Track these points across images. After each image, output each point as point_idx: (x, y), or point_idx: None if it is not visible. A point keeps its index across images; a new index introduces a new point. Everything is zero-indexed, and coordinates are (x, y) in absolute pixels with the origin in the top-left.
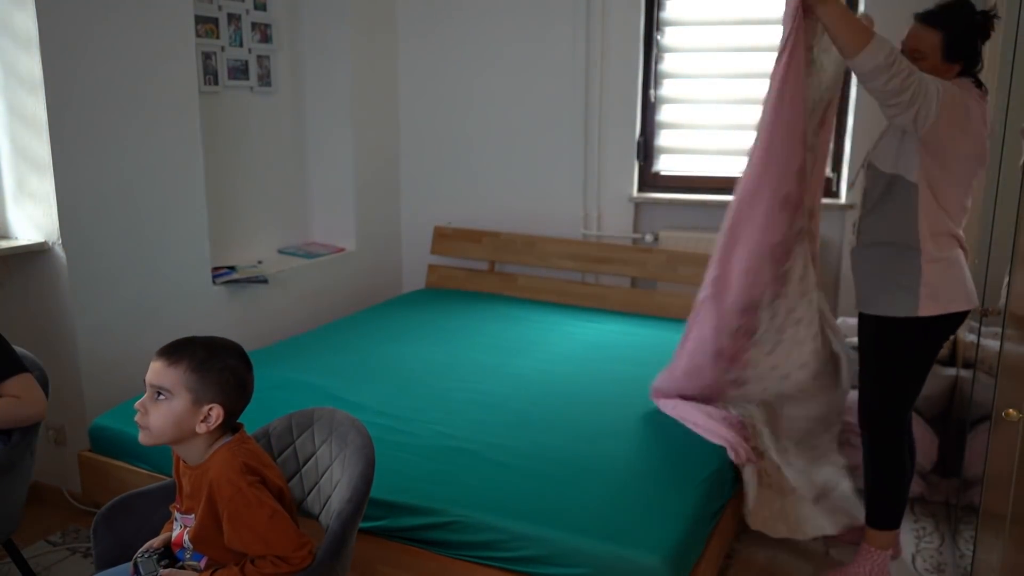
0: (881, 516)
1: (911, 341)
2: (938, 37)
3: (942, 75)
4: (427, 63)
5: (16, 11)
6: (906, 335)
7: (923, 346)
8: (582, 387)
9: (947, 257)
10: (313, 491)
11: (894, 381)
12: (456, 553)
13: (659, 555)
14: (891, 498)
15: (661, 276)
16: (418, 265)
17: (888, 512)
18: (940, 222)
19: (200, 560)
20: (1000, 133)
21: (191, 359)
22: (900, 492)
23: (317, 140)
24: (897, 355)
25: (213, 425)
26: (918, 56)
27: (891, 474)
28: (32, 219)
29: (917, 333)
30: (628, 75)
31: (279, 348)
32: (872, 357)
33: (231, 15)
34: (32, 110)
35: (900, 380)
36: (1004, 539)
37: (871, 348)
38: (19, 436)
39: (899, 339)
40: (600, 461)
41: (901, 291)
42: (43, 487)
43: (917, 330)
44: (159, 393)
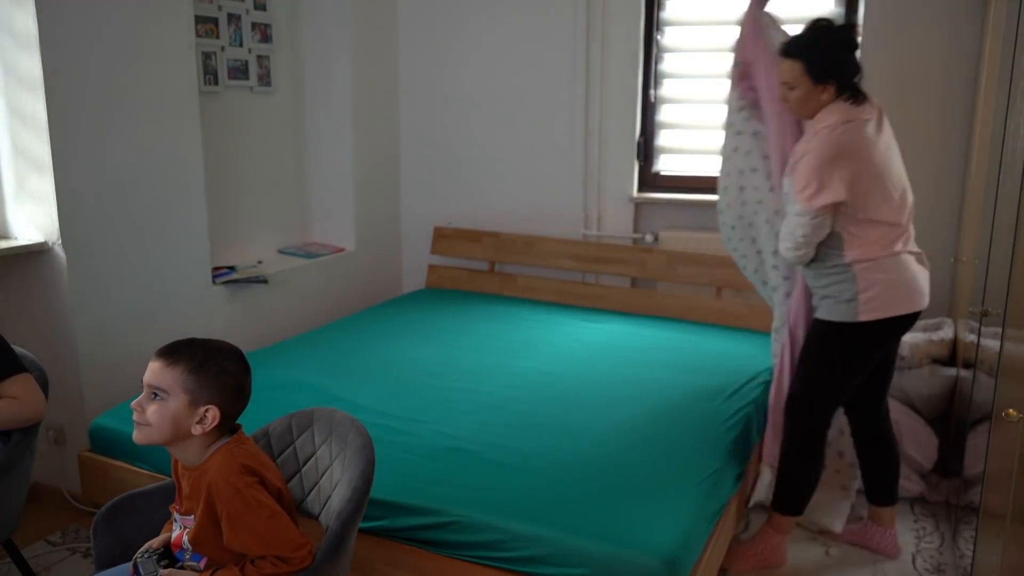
0: (785, 502)
1: (852, 345)
2: (800, 66)
3: (818, 100)
4: (427, 63)
5: (16, 11)
6: (848, 338)
7: (864, 350)
8: (582, 387)
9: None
10: (313, 491)
11: (830, 382)
12: (456, 553)
13: (659, 555)
14: (799, 489)
15: (661, 276)
16: (418, 265)
17: (792, 500)
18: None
19: (200, 561)
20: (1000, 133)
21: (189, 360)
22: (808, 483)
23: (317, 140)
24: (837, 358)
25: (209, 427)
26: (789, 87)
27: (806, 465)
28: (32, 219)
29: (858, 337)
30: (628, 75)
31: (279, 348)
32: (813, 357)
33: (231, 15)
34: (32, 110)
35: (836, 382)
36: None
37: (813, 348)
38: (19, 436)
39: (841, 342)
40: (600, 461)
41: (842, 302)
42: (43, 487)
43: (858, 334)
44: (156, 393)
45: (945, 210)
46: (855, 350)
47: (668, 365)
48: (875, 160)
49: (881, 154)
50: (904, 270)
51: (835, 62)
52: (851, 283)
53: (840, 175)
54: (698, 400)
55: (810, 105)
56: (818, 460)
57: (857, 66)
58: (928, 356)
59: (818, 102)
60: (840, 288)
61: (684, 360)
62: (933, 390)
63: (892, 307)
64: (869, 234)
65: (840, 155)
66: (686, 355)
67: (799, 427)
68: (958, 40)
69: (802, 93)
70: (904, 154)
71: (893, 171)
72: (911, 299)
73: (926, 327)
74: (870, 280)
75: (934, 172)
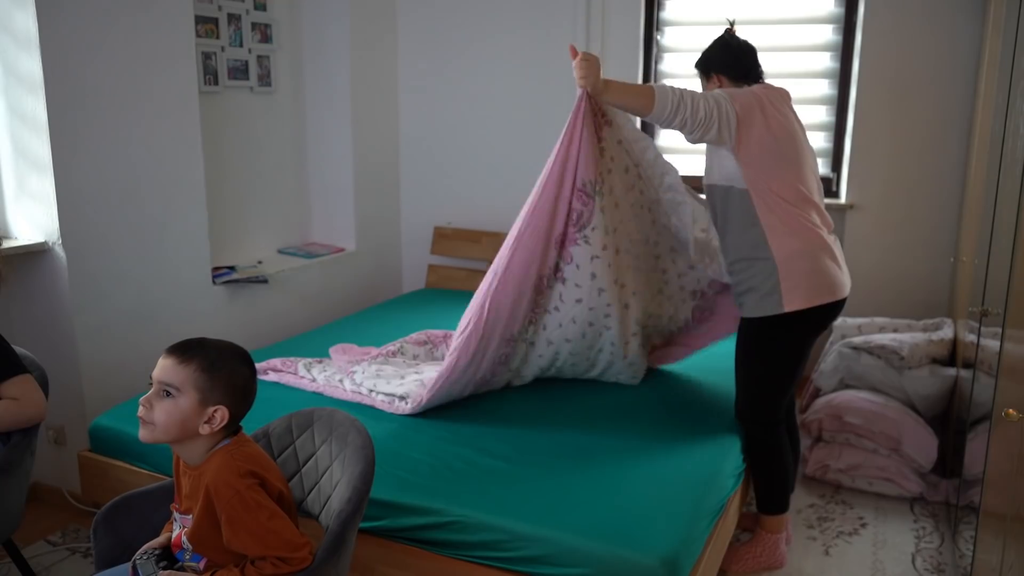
0: (770, 502)
1: (781, 337)
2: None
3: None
4: (427, 63)
5: (16, 11)
6: (775, 332)
7: (793, 341)
8: (582, 387)
9: (803, 251)
10: (313, 491)
11: (768, 378)
12: (456, 553)
13: (659, 555)
14: (776, 485)
15: None
16: (418, 265)
17: (775, 498)
18: (786, 219)
19: (199, 561)
20: (1000, 133)
21: (202, 359)
22: (784, 478)
23: (317, 140)
24: (768, 352)
25: (217, 427)
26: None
27: (772, 463)
28: (32, 219)
29: (785, 329)
30: (628, 75)
31: (279, 348)
32: (745, 356)
33: (231, 15)
34: (32, 110)
35: (774, 377)
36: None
37: (745, 348)
38: (19, 436)
39: (769, 336)
40: (600, 461)
41: (765, 295)
42: (43, 487)
43: (785, 326)
44: (167, 390)
45: (945, 210)
46: (784, 341)
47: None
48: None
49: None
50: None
51: (708, 56)
52: (772, 273)
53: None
54: (698, 400)
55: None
56: (783, 454)
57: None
58: (928, 356)
59: None
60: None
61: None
62: (933, 390)
63: (815, 297)
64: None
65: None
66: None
67: (753, 430)
68: (958, 40)
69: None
70: (904, 154)
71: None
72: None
73: (926, 327)
74: (790, 269)
75: (934, 172)
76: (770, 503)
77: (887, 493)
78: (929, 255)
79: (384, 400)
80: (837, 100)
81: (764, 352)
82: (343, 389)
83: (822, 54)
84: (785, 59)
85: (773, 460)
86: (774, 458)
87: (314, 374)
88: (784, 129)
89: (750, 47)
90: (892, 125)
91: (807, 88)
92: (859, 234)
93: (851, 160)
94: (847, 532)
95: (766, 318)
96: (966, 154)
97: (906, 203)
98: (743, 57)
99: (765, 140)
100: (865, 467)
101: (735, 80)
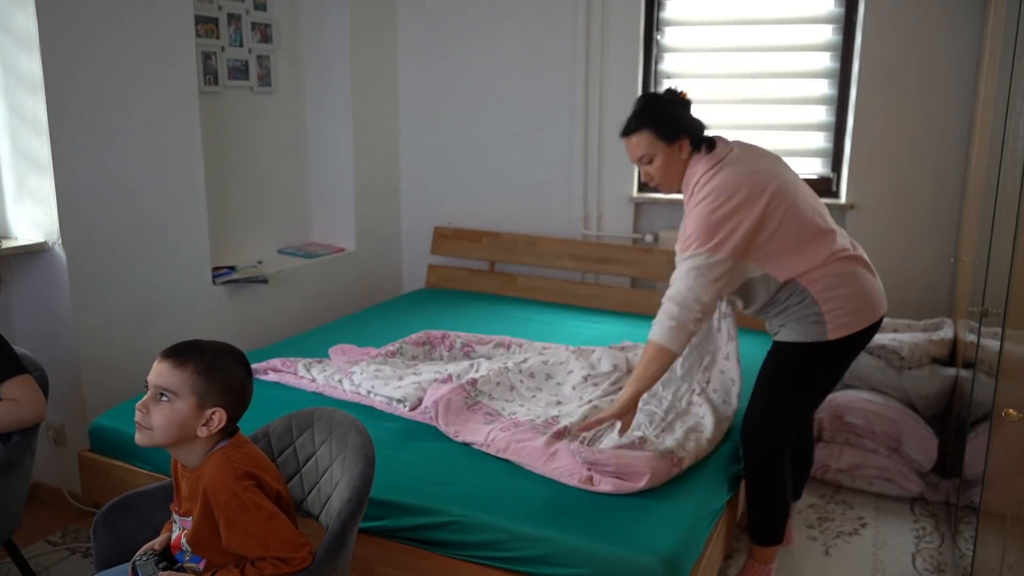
0: (763, 532)
1: (823, 363)
2: (648, 135)
3: (678, 160)
4: (427, 63)
5: (16, 11)
6: (818, 358)
7: (833, 366)
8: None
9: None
10: (313, 491)
11: (794, 404)
12: (456, 553)
13: (659, 555)
14: (772, 515)
15: (661, 276)
16: (418, 265)
17: (770, 529)
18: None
19: (199, 563)
20: (1000, 133)
21: (198, 362)
22: (781, 509)
23: (317, 140)
24: (806, 378)
25: (215, 429)
26: (646, 160)
27: (773, 492)
28: (32, 219)
29: (829, 355)
30: (628, 75)
31: (279, 348)
32: (775, 380)
33: (231, 15)
34: (32, 110)
35: (801, 403)
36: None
37: (776, 371)
38: (19, 436)
39: (810, 362)
40: None
41: (809, 324)
42: (43, 487)
43: (827, 352)
44: (163, 394)
45: (945, 210)
46: (825, 369)
47: None
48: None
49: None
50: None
51: (677, 116)
52: (811, 304)
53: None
54: None
55: (672, 168)
56: (784, 483)
57: (700, 122)
58: (928, 356)
59: (679, 163)
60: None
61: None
62: (933, 390)
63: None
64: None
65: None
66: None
67: (760, 451)
68: (958, 40)
69: (661, 160)
70: (904, 154)
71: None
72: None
73: (926, 327)
74: (828, 297)
75: (934, 172)
76: (764, 534)
77: (887, 493)
78: (929, 255)
79: (382, 401)
80: (837, 100)
81: (802, 377)
82: (342, 390)
83: (822, 54)
84: (785, 59)
85: (773, 490)
86: (775, 488)
87: (313, 374)
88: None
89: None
90: (892, 125)
91: (807, 88)
92: (859, 234)
93: (851, 160)
94: (847, 532)
95: (807, 343)
96: (966, 154)
97: (906, 203)
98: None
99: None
100: (865, 467)
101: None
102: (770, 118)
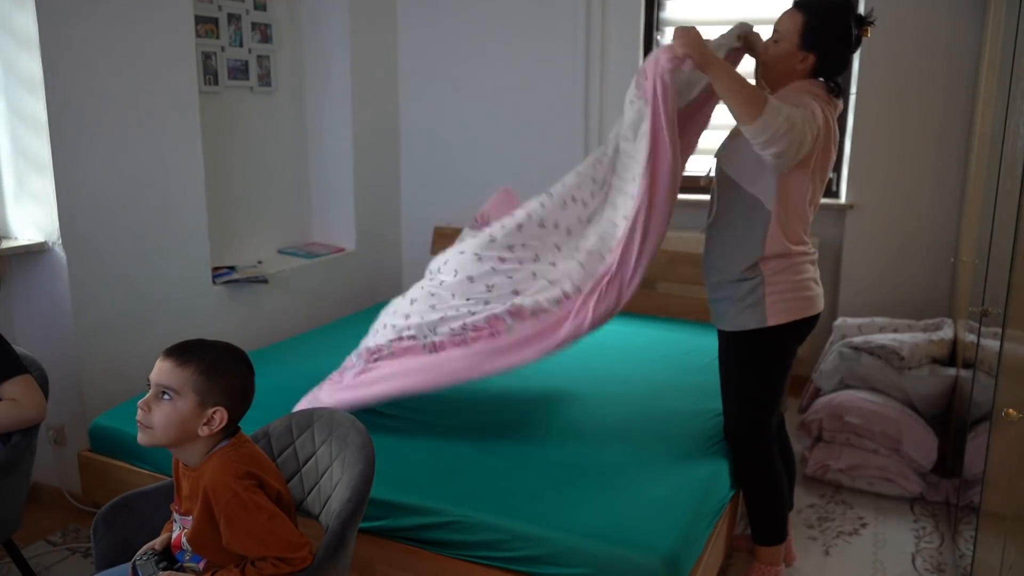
0: (765, 532)
1: (764, 351)
2: (799, 21)
3: (793, 62)
4: (427, 62)
5: (16, 11)
6: (759, 346)
7: (776, 355)
8: (582, 386)
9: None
10: (313, 491)
11: (752, 393)
12: (456, 553)
13: (659, 555)
14: (771, 513)
15: (661, 276)
16: (418, 265)
17: (771, 527)
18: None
19: (199, 562)
20: (1000, 133)
21: (200, 361)
22: (779, 505)
23: (317, 140)
24: (752, 367)
25: (216, 428)
26: (776, 38)
27: (767, 488)
28: (32, 219)
29: (768, 343)
30: (628, 75)
31: (279, 348)
32: (728, 372)
33: (231, 15)
34: (32, 110)
35: (758, 392)
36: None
37: (727, 363)
38: (19, 436)
39: (752, 351)
40: (600, 461)
41: (748, 308)
42: (43, 487)
43: (768, 340)
44: (164, 393)
45: (945, 210)
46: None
47: (668, 364)
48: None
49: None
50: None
51: (829, 34)
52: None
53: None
54: (698, 400)
55: (783, 66)
56: (777, 478)
57: (845, 60)
58: (928, 356)
59: (791, 70)
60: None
61: (684, 359)
62: (933, 390)
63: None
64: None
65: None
66: (686, 354)
67: (746, 445)
68: (958, 40)
69: (784, 50)
70: (904, 154)
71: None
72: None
73: (926, 327)
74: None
75: (934, 172)
76: (765, 533)
77: (887, 493)
78: (929, 255)
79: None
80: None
81: (754, 365)
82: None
83: None
84: None
85: (767, 485)
86: (768, 482)
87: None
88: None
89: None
90: (892, 125)
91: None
92: (859, 234)
93: (851, 160)
94: (847, 532)
95: (749, 331)
96: (966, 154)
97: (906, 203)
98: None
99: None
100: (865, 467)
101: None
102: None
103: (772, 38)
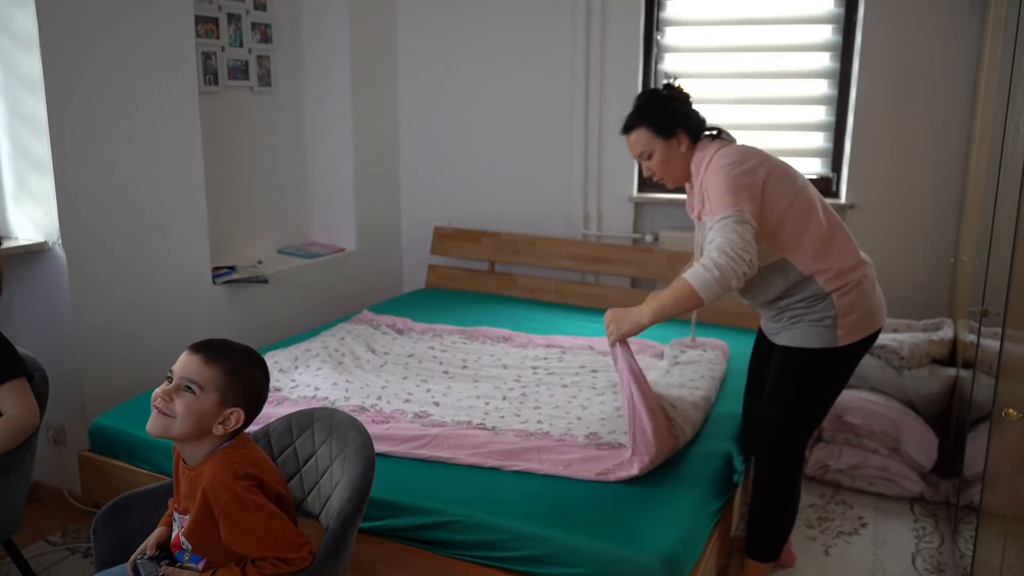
0: (763, 548)
1: (832, 371)
2: (645, 131)
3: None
4: (427, 63)
5: (16, 11)
6: (827, 365)
7: (842, 373)
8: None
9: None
10: (313, 491)
11: (808, 412)
12: (456, 553)
13: (659, 555)
14: (777, 531)
15: (661, 276)
16: (418, 265)
17: (771, 545)
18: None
19: (199, 562)
20: (1000, 133)
21: (228, 362)
22: (788, 526)
23: (317, 140)
24: (815, 385)
25: (231, 428)
26: (645, 156)
27: (784, 506)
28: (32, 219)
29: (836, 361)
30: (628, 75)
31: (279, 348)
32: (784, 387)
33: (231, 15)
34: (32, 110)
35: (814, 410)
36: (1004, 539)
37: (785, 378)
38: None
39: (819, 369)
40: None
41: (820, 328)
42: (43, 487)
43: (836, 358)
44: (189, 386)
45: (945, 210)
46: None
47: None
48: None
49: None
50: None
51: (672, 111)
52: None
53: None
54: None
55: (672, 162)
56: (797, 497)
57: (699, 115)
58: (928, 356)
59: (679, 156)
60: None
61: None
62: (933, 390)
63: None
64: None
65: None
66: None
67: (776, 458)
68: (958, 40)
69: (660, 155)
70: (904, 154)
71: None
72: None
73: (926, 327)
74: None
75: (934, 172)
76: (764, 549)
77: (887, 493)
78: (929, 255)
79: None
80: (837, 100)
81: (817, 384)
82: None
83: (822, 54)
84: (785, 59)
85: (786, 503)
86: (787, 501)
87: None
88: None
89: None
90: (892, 125)
91: (807, 88)
92: (859, 234)
93: (851, 160)
94: (847, 532)
95: (821, 349)
96: (966, 154)
97: (906, 203)
98: (697, 113)
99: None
100: (865, 467)
101: (693, 136)
102: (770, 118)
103: (643, 161)
